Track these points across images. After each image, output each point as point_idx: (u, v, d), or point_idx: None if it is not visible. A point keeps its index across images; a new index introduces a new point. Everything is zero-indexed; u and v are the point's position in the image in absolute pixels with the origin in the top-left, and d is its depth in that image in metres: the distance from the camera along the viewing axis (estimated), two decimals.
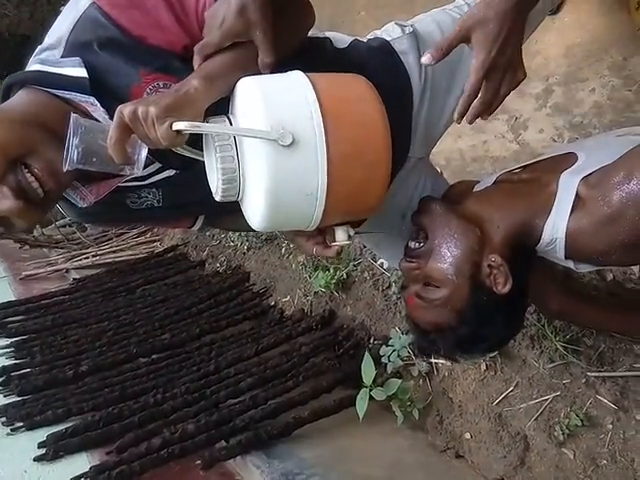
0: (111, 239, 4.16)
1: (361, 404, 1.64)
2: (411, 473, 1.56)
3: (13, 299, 3.06)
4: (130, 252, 3.87)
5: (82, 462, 1.62)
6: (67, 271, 3.60)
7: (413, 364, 1.82)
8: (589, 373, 1.40)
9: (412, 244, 0.94)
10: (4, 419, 1.84)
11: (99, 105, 0.80)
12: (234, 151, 0.72)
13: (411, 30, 1.04)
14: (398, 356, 1.83)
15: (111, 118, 0.72)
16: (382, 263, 2.22)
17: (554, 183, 0.86)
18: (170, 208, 0.99)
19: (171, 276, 3.13)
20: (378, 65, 0.97)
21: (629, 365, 1.35)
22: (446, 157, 1.90)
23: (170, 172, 0.93)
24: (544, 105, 1.63)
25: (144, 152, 0.77)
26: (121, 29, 0.78)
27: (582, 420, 1.35)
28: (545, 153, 1.09)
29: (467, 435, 1.57)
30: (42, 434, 1.74)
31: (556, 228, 0.84)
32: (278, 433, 1.63)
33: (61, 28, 0.82)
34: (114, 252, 3.90)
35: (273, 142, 0.68)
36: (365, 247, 2.34)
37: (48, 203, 0.83)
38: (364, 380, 1.69)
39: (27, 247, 4.25)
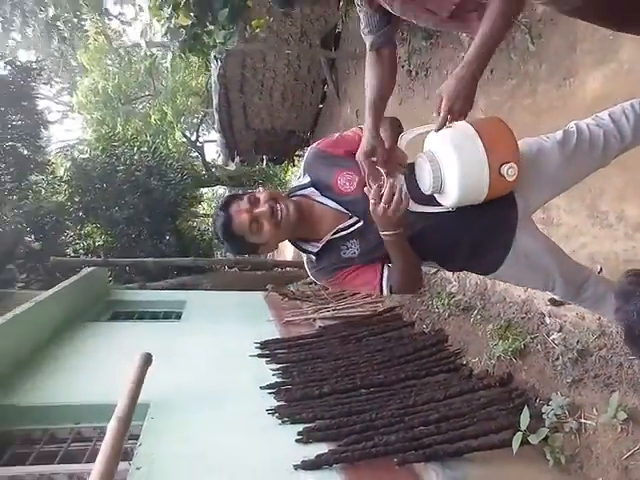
0: (346, 297, 5.28)
1: (515, 442, 2.20)
2: None
3: (279, 337, 4.31)
4: (360, 309, 4.91)
5: (323, 448, 2.52)
6: (314, 320, 4.78)
7: (567, 422, 2.28)
8: None
9: None
10: (277, 414, 2.89)
11: (318, 192, 1.61)
12: (438, 171, 1.41)
13: None
14: (555, 414, 2.32)
15: (324, 193, 1.61)
16: (554, 339, 2.69)
17: None
18: (362, 256, 1.59)
19: (388, 331, 4.00)
20: None
21: None
22: (604, 258, 2.36)
23: (360, 224, 1.58)
24: None
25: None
26: (325, 151, 1.67)
27: None
28: None
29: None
30: (300, 427, 2.72)
31: None
32: (452, 452, 2.29)
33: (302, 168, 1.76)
34: (348, 308, 4.98)
35: (457, 155, 1.39)
36: (544, 324, 2.84)
37: (278, 229, 1.54)
38: (521, 426, 2.25)
39: (286, 299, 5.67)
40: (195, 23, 3.09)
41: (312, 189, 1.66)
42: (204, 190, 18.04)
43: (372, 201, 1.42)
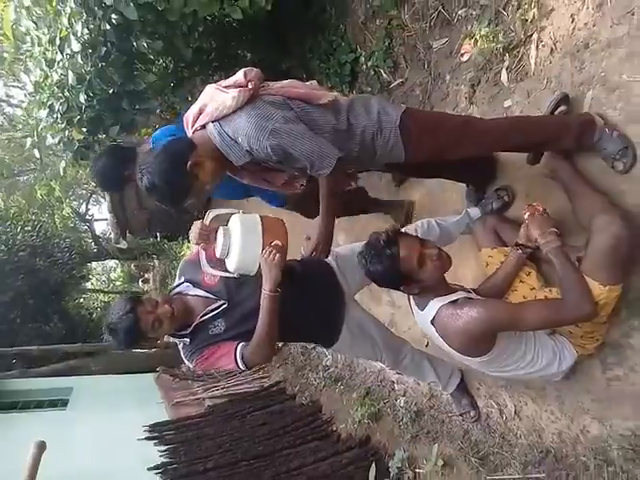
0: (235, 375, 5.56)
1: None
2: None
3: (168, 419, 4.49)
4: (247, 385, 5.22)
5: None
6: (204, 399, 5.01)
7: (406, 472, 2.79)
8: (487, 476, 2.32)
9: None
10: None
11: (191, 286, 2.06)
12: (228, 240, 1.89)
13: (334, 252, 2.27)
14: (397, 467, 2.82)
15: (195, 287, 2.05)
16: (400, 402, 3.25)
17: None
18: (227, 331, 1.97)
19: (271, 405, 4.36)
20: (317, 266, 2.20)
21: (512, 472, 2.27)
22: None
23: (225, 305, 2.01)
24: None
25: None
26: (192, 260, 2.14)
27: None
28: None
29: None
30: None
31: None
32: None
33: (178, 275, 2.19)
34: (236, 385, 5.27)
35: (243, 239, 1.85)
36: (394, 390, 3.39)
37: (173, 325, 1.97)
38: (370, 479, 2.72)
39: (177, 379, 5.82)
40: (87, 137, 3.50)
41: (186, 284, 2.13)
42: (93, 265, 17.49)
43: (266, 254, 1.85)
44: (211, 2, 2.83)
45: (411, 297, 1.96)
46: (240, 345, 1.95)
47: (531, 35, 2.35)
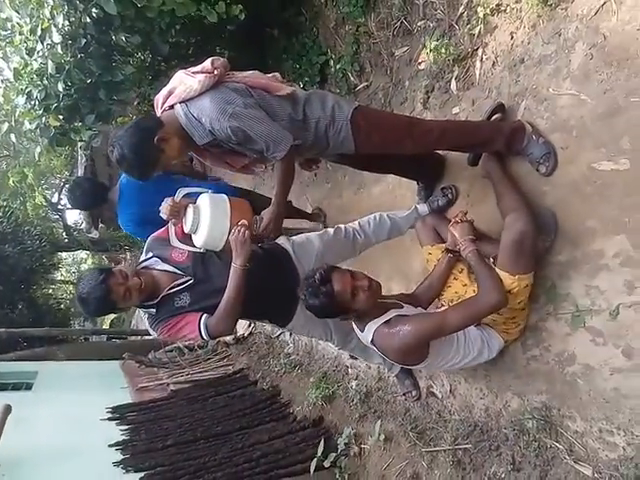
0: (200, 362, 5.71)
1: (312, 467, 2.86)
2: None
3: (131, 402, 4.61)
4: (211, 372, 5.36)
5: None
6: (168, 385, 5.14)
7: (352, 448, 3.00)
8: (423, 449, 2.54)
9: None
10: (122, 466, 3.26)
11: (160, 261, 2.19)
12: (198, 217, 2.09)
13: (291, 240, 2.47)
14: (344, 443, 3.03)
15: (163, 262, 2.20)
16: (352, 385, 3.46)
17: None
18: (192, 304, 2.10)
19: (233, 390, 4.52)
20: (275, 251, 2.39)
21: (443, 444, 2.50)
22: None
23: (191, 281, 2.14)
24: None
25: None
26: (160, 237, 2.30)
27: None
28: None
29: None
30: (141, 474, 3.12)
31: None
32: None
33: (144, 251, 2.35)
34: (201, 372, 5.41)
35: (212, 216, 2.07)
36: (347, 374, 3.60)
37: (141, 296, 2.09)
38: (317, 454, 2.92)
39: (143, 366, 5.92)
40: (64, 124, 3.62)
41: (155, 259, 2.26)
42: (64, 255, 17.30)
43: (236, 233, 2.03)
44: (188, 3, 3.01)
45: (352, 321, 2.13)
46: (204, 316, 2.09)
47: (477, 49, 2.59)
